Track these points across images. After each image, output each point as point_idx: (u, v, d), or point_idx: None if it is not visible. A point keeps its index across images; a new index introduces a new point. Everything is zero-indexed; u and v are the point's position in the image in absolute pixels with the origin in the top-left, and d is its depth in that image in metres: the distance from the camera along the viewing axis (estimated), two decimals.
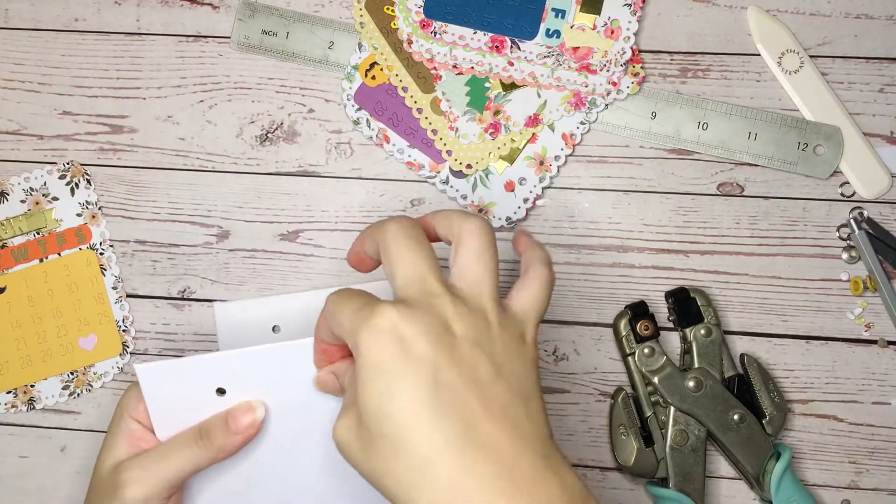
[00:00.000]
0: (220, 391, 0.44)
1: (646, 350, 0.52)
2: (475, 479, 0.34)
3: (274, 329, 0.54)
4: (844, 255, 0.54)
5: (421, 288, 0.37)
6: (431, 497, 0.34)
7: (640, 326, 0.53)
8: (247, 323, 0.54)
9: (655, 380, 0.52)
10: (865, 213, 0.53)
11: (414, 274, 0.38)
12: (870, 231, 0.53)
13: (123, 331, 0.56)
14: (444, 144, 0.55)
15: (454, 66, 0.55)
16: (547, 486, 0.34)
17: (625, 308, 0.53)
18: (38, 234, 0.56)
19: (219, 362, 0.43)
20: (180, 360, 0.43)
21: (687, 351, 0.53)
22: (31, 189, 0.57)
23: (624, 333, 0.53)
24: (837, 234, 0.54)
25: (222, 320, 0.54)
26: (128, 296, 0.57)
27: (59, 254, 0.56)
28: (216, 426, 0.43)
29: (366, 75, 0.56)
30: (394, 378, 0.35)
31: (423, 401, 0.34)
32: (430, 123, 0.55)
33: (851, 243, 0.54)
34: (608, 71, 0.54)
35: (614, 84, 0.54)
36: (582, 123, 0.55)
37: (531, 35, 0.54)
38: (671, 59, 0.55)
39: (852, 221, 0.53)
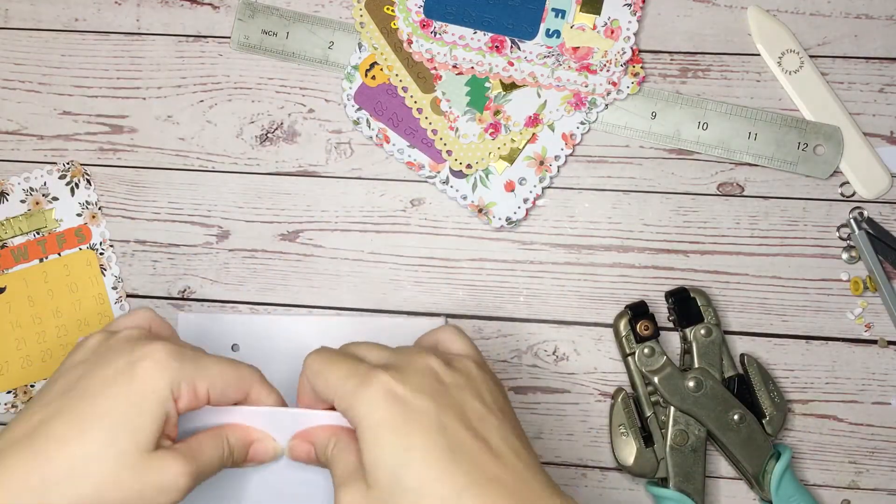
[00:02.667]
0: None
1: (646, 350, 0.52)
2: None
3: (233, 347, 0.54)
4: (844, 255, 0.54)
5: (397, 355, 0.41)
6: None
7: (640, 326, 0.53)
8: (209, 336, 0.54)
9: (655, 380, 0.52)
10: (865, 213, 0.53)
11: (384, 350, 0.42)
12: (870, 231, 0.53)
13: None
14: (444, 144, 0.55)
15: (454, 66, 0.55)
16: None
17: (625, 308, 0.53)
18: (38, 234, 0.56)
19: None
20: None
21: (687, 351, 0.53)
22: (31, 189, 0.57)
23: (624, 333, 0.53)
24: (837, 234, 0.54)
25: (185, 330, 0.54)
26: (128, 296, 0.57)
27: (59, 254, 0.56)
28: (237, 443, 0.43)
29: (366, 75, 0.56)
30: (407, 434, 0.37)
31: (435, 450, 0.36)
32: (430, 123, 0.55)
33: (851, 243, 0.54)
34: (608, 71, 0.54)
35: (614, 84, 0.54)
36: (582, 123, 0.55)
37: (531, 35, 0.54)
38: (671, 59, 0.55)
39: (852, 221, 0.53)
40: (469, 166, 0.55)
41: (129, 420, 0.39)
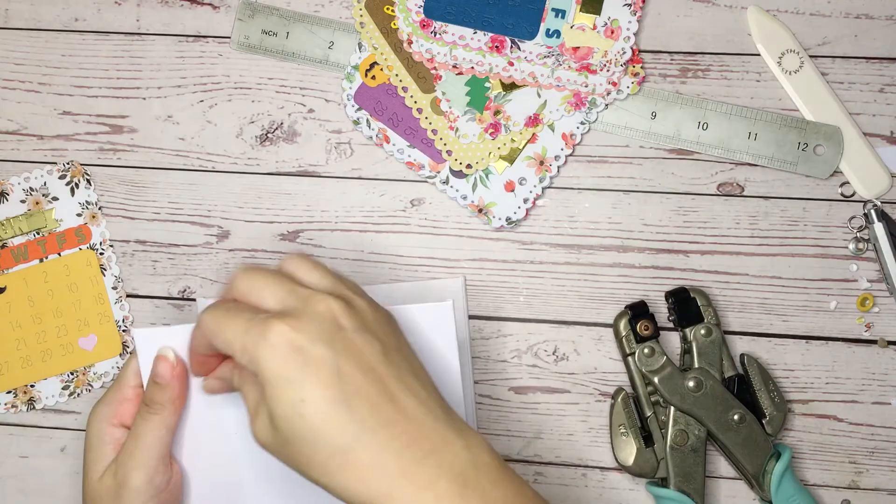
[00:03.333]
0: None
1: (646, 350, 0.52)
2: (391, 454, 0.37)
3: None
4: (851, 246, 0.54)
5: (294, 297, 0.40)
6: (357, 476, 0.37)
7: (640, 326, 0.53)
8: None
9: (655, 380, 0.52)
10: (880, 207, 0.53)
11: (282, 289, 0.41)
12: (889, 225, 0.53)
13: (123, 331, 0.56)
14: (444, 144, 0.55)
15: (454, 66, 0.55)
16: (452, 446, 0.38)
17: (625, 308, 0.53)
18: (38, 234, 0.56)
19: None
20: (171, 327, 0.47)
21: (687, 351, 0.53)
22: (31, 189, 0.57)
23: (624, 333, 0.53)
24: (849, 224, 0.54)
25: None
26: (128, 296, 0.57)
27: (59, 254, 0.56)
28: (151, 391, 0.46)
29: (366, 75, 0.56)
30: (301, 385, 0.37)
31: (332, 397, 0.37)
32: (430, 123, 0.55)
33: (862, 235, 0.54)
34: (608, 71, 0.54)
35: (614, 84, 0.54)
36: (582, 123, 0.55)
37: (531, 35, 0.54)
38: (671, 59, 0.55)
39: (872, 212, 0.53)
40: (469, 166, 0.55)
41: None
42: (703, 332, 0.52)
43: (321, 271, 0.42)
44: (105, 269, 0.56)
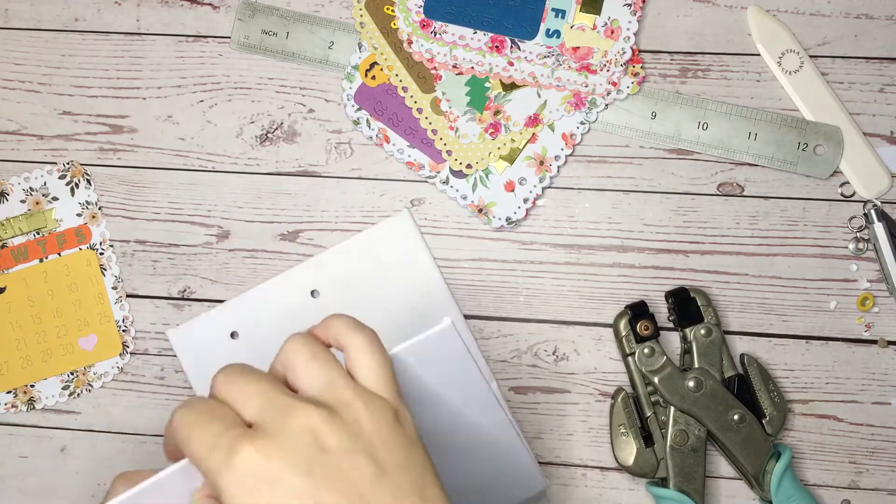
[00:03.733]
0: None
1: (646, 350, 0.52)
2: None
3: (232, 335, 0.55)
4: (851, 246, 0.54)
5: (272, 407, 0.34)
6: None
7: (640, 326, 0.53)
8: (204, 338, 0.55)
9: (655, 380, 0.52)
10: (880, 207, 0.53)
11: (260, 397, 0.34)
12: (888, 225, 0.53)
13: (123, 331, 0.56)
14: (444, 144, 0.55)
15: (454, 66, 0.55)
16: None
17: (625, 308, 0.53)
18: (38, 234, 0.56)
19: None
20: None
21: (687, 351, 0.53)
22: (31, 189, 0.57)
23: (624, 333, 0.53)
24: (849, 224, 0.54)
25: (180, 345, 0.55)
26: (128, 296, 0.57)
27: (59, 254, 0.56)
28: None
29: (366, 75, 0.56)
30: None
31: None
32: (430, 123, 0.55)
33: (862, 235, 0.54)
34: (608, 71, 0.54)
35: (614, 84, 0.54)
36: (582, 123, 0.55)
37: (531, 35, 0.54)
38: (671, 59, 0.55)
39: (873, 212, 0.53)
40: (469, 166, 0.55)
41: None
42: (703, 332, 0.52)
43: (320, 362, 0.35)
44: (105, 269, 0.56)
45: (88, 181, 0.57)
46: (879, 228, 0.53)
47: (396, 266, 0.54)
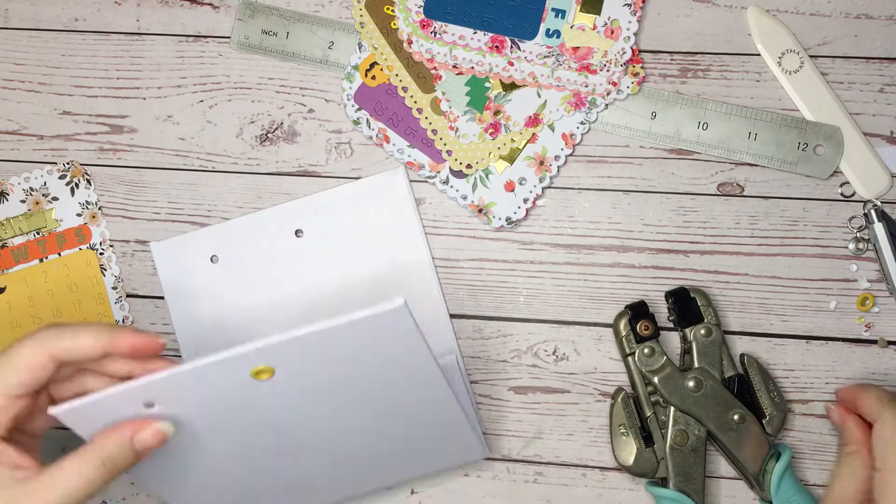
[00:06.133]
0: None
1: (646, 350, 0.52)
2: None
3: (212, 259, 0.55)
4: (851, 246, 0.54)
5: None
6: None
7: (640, 326, 0.53)
8: (185, 256, 0.56)
9: (655, 380, 0.52)
10: (880, 207, 0.53)
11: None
12: (888, 225, 0.53)
13: None
14: (444, 144, 0.55)
15: (454, 66, 0.55)
16: None
17: (625, 308, 0.53)
18: (38, 234, 0.56)
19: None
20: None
21: (687, 351, 0.53)
22: (31, 189, 0.57)
23: (624, 333, 0.53)
24: (849, 224, 0.54)
25: (161, 259, 0.56)
26: (128, 296, 0.57)
27: (59, 254, 0.56)
28: (115, 450, 0.42)
29: (366, 75, 0.56)
30: None
31: None
32: (430, 123, 0.55)
33: (862, 235, 0.54)
34: (608, 71, 0.54)
35: (614, 84, 0.54)
36: (582, 123, 0.55)
37: (531, 35, 0.54)
38: (671, 59, 0.55)
39: (873, 212, 0.53)
40: (469, 166, 0.55)
41: None
42: (703, 332, 0.52)
43: None
44: (105, 269, 0.56)
45: (88, 181, 0.57)
46: (879, 228, 0.53)
47: (383, 218, 0.55)
